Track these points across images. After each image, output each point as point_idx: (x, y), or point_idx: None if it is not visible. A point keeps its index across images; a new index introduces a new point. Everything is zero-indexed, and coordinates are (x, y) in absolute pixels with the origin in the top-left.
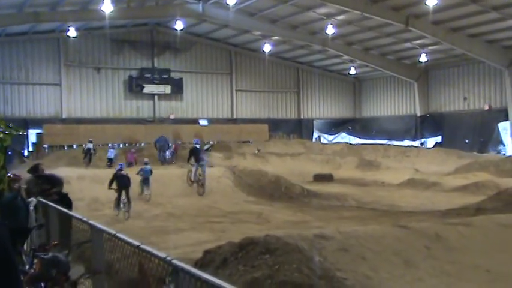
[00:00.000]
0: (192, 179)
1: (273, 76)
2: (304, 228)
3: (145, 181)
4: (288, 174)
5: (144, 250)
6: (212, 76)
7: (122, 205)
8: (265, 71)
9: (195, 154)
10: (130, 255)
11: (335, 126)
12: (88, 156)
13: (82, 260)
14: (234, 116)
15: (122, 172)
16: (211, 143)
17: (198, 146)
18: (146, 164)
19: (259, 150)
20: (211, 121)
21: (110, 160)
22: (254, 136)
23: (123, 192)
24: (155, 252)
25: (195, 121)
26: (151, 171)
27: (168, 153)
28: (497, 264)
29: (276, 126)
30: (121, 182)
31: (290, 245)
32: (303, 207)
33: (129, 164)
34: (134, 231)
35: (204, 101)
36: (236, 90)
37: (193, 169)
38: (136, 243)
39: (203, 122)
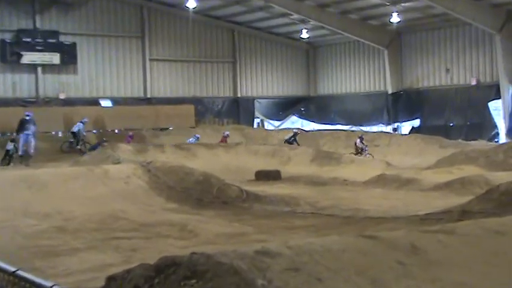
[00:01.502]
0: (20, 153)
1: (199, 41)
2: (243, 242)
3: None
4: (222, 171)
5: (22, 278)
6: (117, 40)
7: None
8: (190, 35)
9: (22, 125)
10: (4, 287)
11: (283, 107)
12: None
13: None
14: (148, 95)
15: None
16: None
17: (28, 118)
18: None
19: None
20: (116, 101)
21: None
22: (176, 121)
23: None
24: (38, 280)
25: (94, 102)
26: None
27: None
28: (487, 281)
29: (205, 108)
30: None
31: (224, 265)
32: (242, 215)
33: None
34: (10, 252)
35: (106, 74)
36: (150, 60)
37: (21, 141)
38: (12, 268)
39: (105, 103)
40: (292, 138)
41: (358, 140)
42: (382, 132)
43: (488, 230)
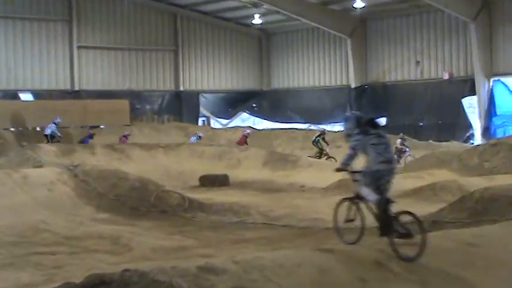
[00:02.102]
0: None
1: (136, 26)
2: (185, 257)
3: None
4: (161, 176)
5: None
6: (40, 24)
7: None
8: (125, 18)
9: None
10: None
11: (232, 103)
12: None
13: None
14: (76, 87)
15: None
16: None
17: None
18: None
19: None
20: (39, 95)
21: None
22: (108, 118)
23: None
24: None
25: (12, 95)
26: None
27: None
28: None
29: (143, 103)
30: None
31: (161, 283)
32: (183, 227)
33: None
34: None
35: (26, 63)
36: (78, 47)
37: None
38: None
39: (26, 97)
40: (318, 139)
41: (399, 141)
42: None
43: (460, 242)
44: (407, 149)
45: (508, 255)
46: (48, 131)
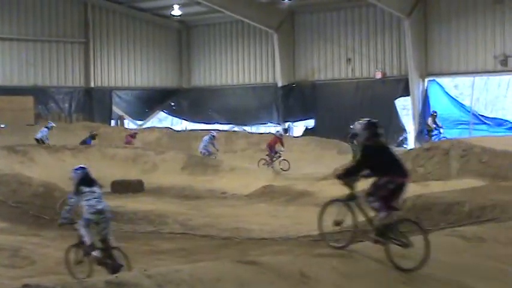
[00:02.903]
0: None
1: (42, 15)
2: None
3: None
4: (68, 181)
5: None
6: None
7: None
8: (29, 6)
9: None
10: None
11: (149, 101)
12: None
13: None
14: None
15: None
16: (213, 134)
17: None
18: None
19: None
20: None
21: None
22: (9, 116)
23: None
24: None
25: None
26: None
27: None
28: None
29: (49, 101)
30: None
31: None
32: None
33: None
34: None
35: None
36: None
37: None
38: None
39: None
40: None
41: (430, 119)
42: (270, 133)
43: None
44: (439, 129)
45: (440, 269)
46: (39, 136)
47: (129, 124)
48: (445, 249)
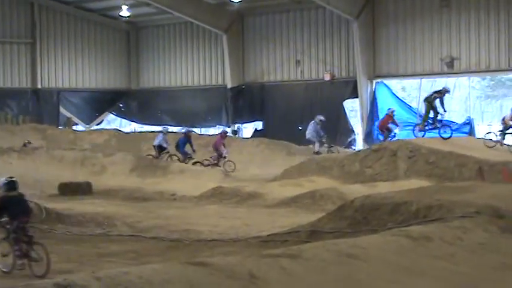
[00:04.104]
0: None
1: None
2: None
3: None
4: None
5: None
6: None
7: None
8: None
9: None
10: None
11: (97, 103)
12: None
13: None
14: None
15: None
16: (320, 118)
17: None
18: None
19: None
20: None
21: None
22: None
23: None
24: None
25: None
26: None
27: None
28: None
29: None
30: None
31: None
32: (40, 240)
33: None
34: None
35: None
36: None
37: None
38: None
39: None
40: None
41: (510, 114)
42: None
43: (338, 253)
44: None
45: (388, 268)
46: None
47: (78, 126)
48: (392, 249)
